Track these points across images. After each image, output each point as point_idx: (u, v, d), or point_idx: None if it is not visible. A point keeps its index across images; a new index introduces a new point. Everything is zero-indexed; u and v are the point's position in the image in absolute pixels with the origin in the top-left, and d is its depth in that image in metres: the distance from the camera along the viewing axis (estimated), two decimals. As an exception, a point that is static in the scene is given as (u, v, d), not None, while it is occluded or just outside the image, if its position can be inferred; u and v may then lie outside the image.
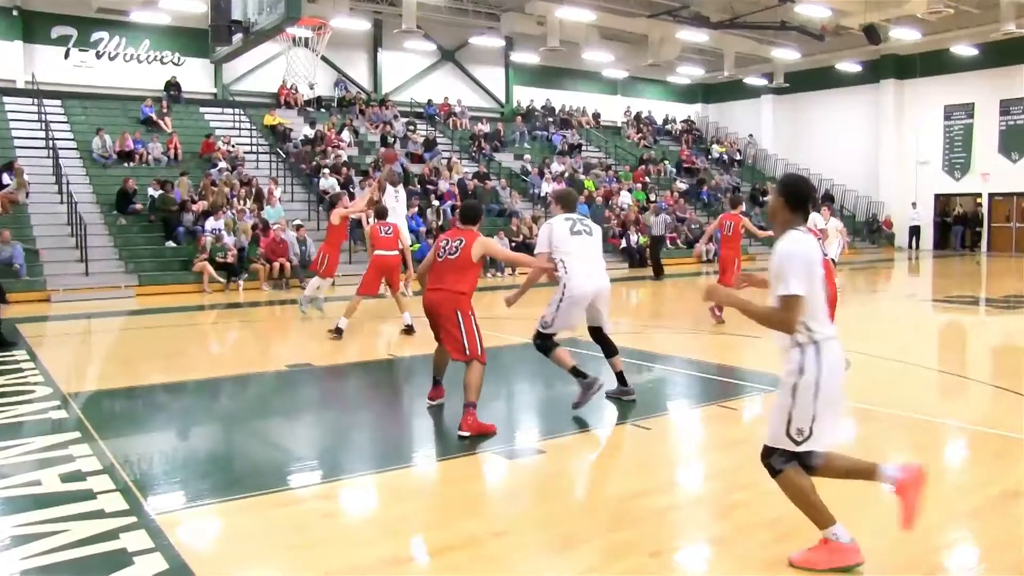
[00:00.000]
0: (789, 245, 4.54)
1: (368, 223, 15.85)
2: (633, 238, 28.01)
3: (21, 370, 10.38)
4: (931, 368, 11.17)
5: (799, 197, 4.70)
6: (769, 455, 4.81)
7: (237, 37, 9.13)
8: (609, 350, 8.59)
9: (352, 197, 15.17)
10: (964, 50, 33.72)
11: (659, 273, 24.66)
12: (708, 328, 14.35)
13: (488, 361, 7.62)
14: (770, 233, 5.79)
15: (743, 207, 15.76)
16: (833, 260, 17.02)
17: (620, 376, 8.56)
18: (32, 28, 28.50)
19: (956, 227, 36.78)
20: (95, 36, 29.54)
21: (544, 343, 8.28)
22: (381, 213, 13.67)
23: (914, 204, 36.94)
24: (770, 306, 4.57)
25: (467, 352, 7.42)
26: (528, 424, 8.37)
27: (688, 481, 6.55)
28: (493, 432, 7.27)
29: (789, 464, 4.80)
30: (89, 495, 5.75)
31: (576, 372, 8.16)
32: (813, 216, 15.38)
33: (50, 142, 24.65)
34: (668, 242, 29.90)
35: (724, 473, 6.54)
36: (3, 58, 27.93)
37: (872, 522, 5.33)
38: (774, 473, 4.82)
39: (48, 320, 16.40)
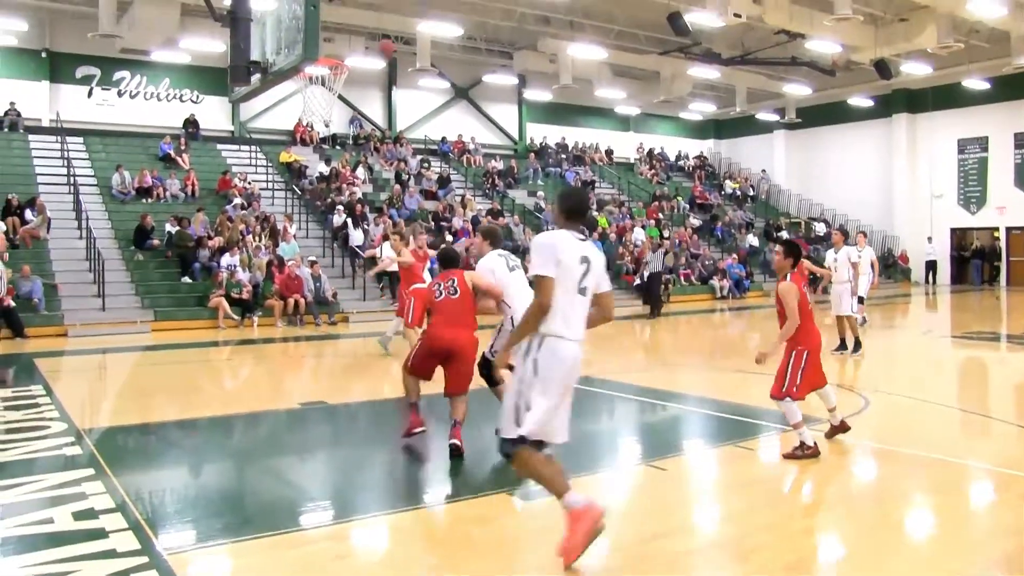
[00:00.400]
0: (540, 236, 5.26)
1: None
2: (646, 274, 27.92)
3: (37, 405, 10.42)
4: (952, 407, 11.00)
5: (571, 208, 5.38)
6: (502, 443, 5.24)
7: (255, 77, 9.22)
8: (493, 381, 8.53)
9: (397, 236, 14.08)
10: (976, 84, 33.72)
11: (656, 310, 23.75)
12: (720, 366, 14.30)
13: (495, 399, 7.64)
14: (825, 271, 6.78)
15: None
16: (860, 297, 17.26)
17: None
18: (58, 68, 29.07)
19: (974, 261, 36.54)
20: (117, 75, 30.03)
21: (490, 373, 8.28)
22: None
23: (930, 238, 36.86)
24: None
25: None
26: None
27: (706, 523, 6.49)
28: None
29: (518, 447, 5.16)
30: (101, 534, 5.76)
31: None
32: (847, 249, 15.60)
33: (71, 178, 24.96)
34: (681, 278, 29.93)
35: (742, 515, 6.45)
36: (30, 98, 28.49)
37: (896, 568, 5.28)
38: (507, 458, 5.21)
39: (65, 355, 16.49)
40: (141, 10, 23.80)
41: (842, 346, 14.97)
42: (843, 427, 8.29)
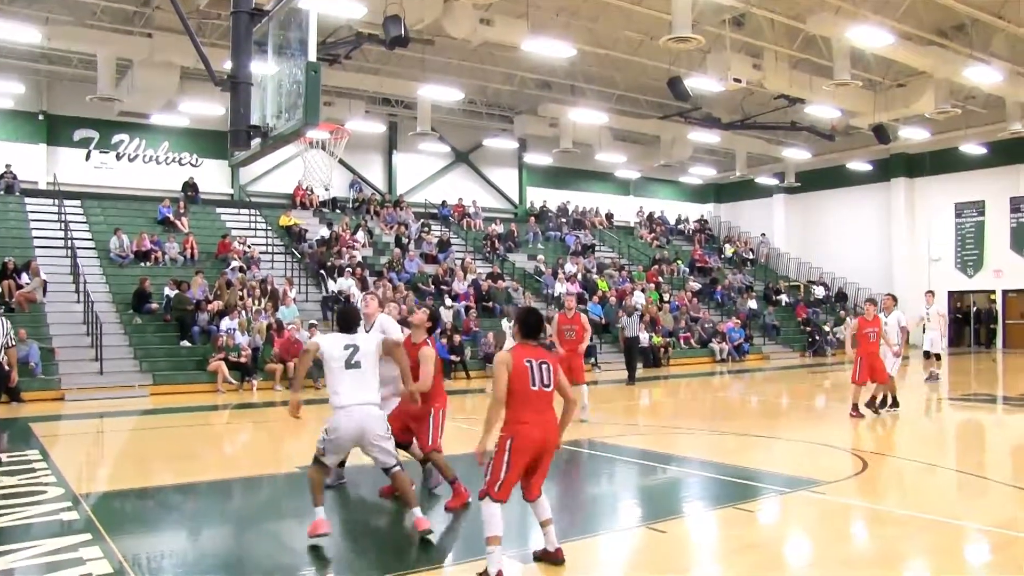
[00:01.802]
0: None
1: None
2: (644, 337, 27.77)
3: (33, 470, 10.34)
4: (950, 468, 11.01)
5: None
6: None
7: (255, 142, 9.24)
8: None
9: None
10: (973, 148, 34.04)
11: (631, 376, 22.79)
12: (720, 429, 14.24)
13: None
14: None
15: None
16: (937, 355, 18.07)
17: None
18: (55, 131, 29.20)
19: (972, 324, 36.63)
20: (116, 138, 30.11)
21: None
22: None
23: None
24: None
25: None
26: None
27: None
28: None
29: (316, 465, 7.59)
30: (98, 600, 5.69)
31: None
32: (896, 313, 16.22)
33: (68, 242, 25.01)
34: (681, 341, 29.91)
35: (742, 578, 6.41)
36: (27, 160, 28.56)
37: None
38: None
39: (61, 419, 16.41)
40: (140, 74, 23.95)
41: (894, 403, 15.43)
42: None
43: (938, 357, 21.04)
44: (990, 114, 31.35)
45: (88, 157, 29.78)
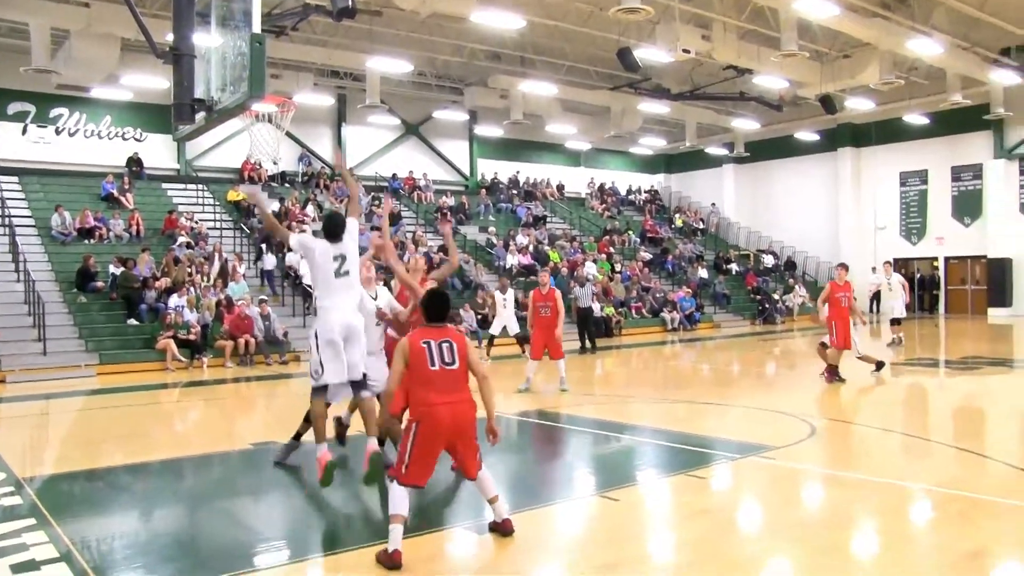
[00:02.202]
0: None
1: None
2: (597, 307, 27.86)
3: (-25, 455, 10.14)
4: (894, 431, 11.20)
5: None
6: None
7: (200, 116, 9.07)
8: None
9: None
10: (916, 119, 34.56)
11: (584, 346, 23.48)
12: (671, 397, 14.32)
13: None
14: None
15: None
16: (895, 320, 21.08)
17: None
18: (-12, 104, 28.33)
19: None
20: (54, 112, 29.28)
21: None
22: None
23: (874, 268, 37.34)
24: None
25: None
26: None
27: (659, 553, 6.51)
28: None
29: (315, 396, 7.91)
30: (44, 584, 5.59)
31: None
32: (873, 277, 16.93)
33: (7, 219, 24.42)
34: (633, 311, 30.04)
35: (694, 544, 6.49)
36: (-43, 135, 27.66)
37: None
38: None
39: (2, 402, 16.07)
40: (78, 45, 23.06)
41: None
42: None
43: (898, 323, 21.75)
44: (932, 85, 31.79)
45: (25, 131, 28.75)
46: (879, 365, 15.68)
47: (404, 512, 6.09)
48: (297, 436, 9.19)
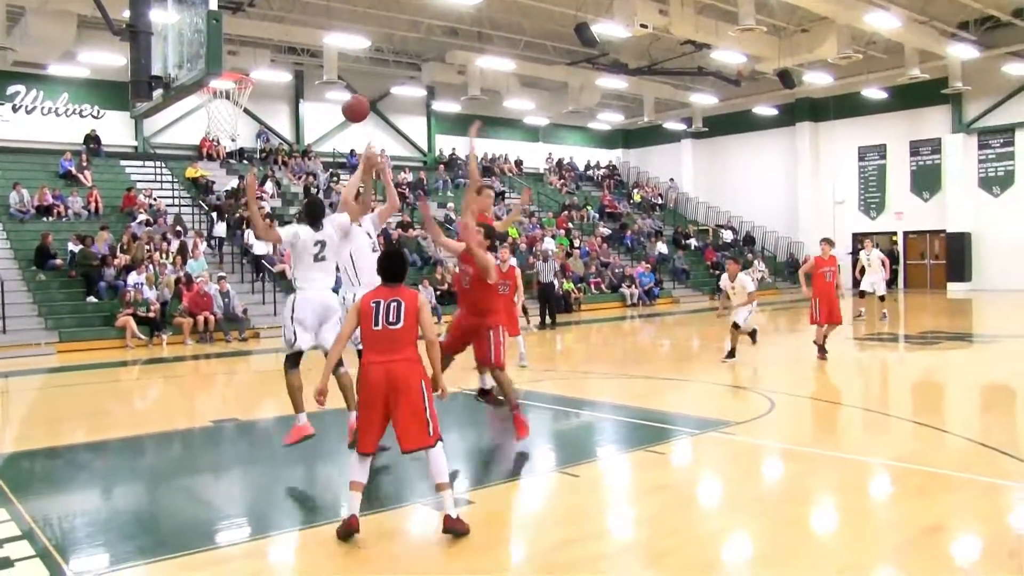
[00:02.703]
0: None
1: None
2: (556, 284, 28.01)
3: (-65, 434, 10.12)
4: (853, 406, 11.40)
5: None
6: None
7: (157, 93, 9.07)
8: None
9: None
10: (874, 93, 34.78)
11: (545, 322, 23.72)
12: (630, 373, 14.46)
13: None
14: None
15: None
16: (881, 296, 21.57)
17: None
18: (-57, 82, 27.91)
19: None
20: (11, 90, 28.96)
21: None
22: None
23: (833, 243, 37.69)
24: None
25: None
26: (455, 474, 8.33)
27: (618, 528, 6.59)
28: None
29: (289, 367, 8.14)
30: (6, 563, 5.63)
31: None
32: (862, 255, 20.83)
33: (-36, 197, 24.18)
34: (592, 286, 30.22)
35: (653, 519, 6.59)
36: (-88, 113, 27.27)
37: (802, 564, 5.43)
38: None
39: (-37, 380, 15.98)
40: (34, 22, 22.88)
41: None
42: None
43: (882, 299, 21.97)
44: (890, 59, 32.00)
45: (-19, 109, 28.67)
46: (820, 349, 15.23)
47: (359, 479, 6.07)
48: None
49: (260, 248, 24.71)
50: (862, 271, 22.25)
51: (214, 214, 26.38)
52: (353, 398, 7.90)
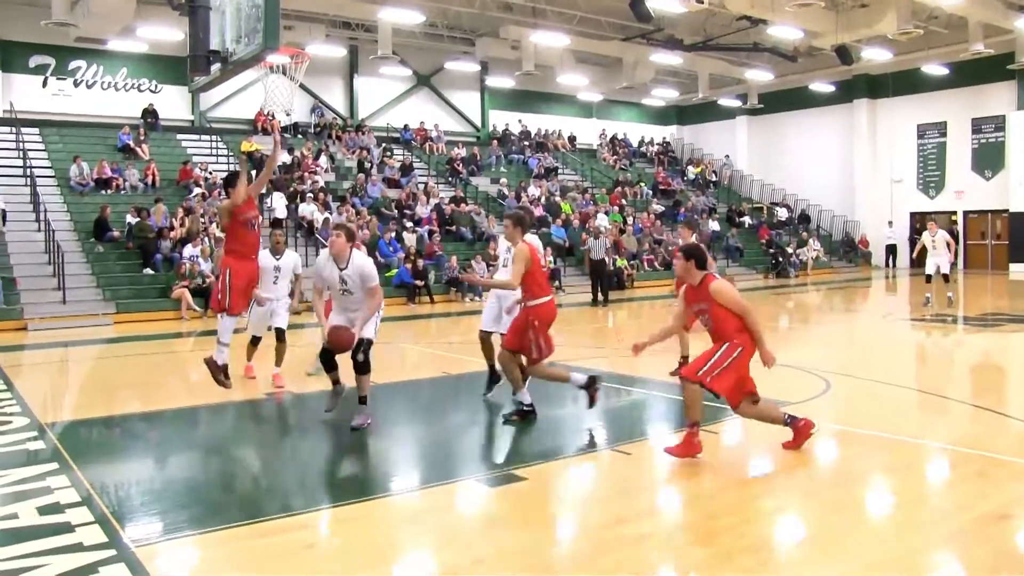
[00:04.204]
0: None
1: None
2: (609, 261, 27.92)
3: (-2, 401, 10.32)
4: (910, 388, 11.22)
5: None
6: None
7: (215, 67, 9.14)
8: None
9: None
10: (935, 69, 34.14)
11: (596, 298, 23.78)
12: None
13: (464, 386, 7.65)
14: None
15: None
16: (945, 276, 20.59)
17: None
18: (10, 58, 28.52)
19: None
20: (73, 65, 29.52)
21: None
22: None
23: (890, 222, 37.28)
24: None
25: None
26: (508, 451, 8.36)
27: (669, 507, 6.57)
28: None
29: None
30: (67, 528, 5.73)
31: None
32: (926, 236, 20.28)
33: (27, 170, 24.64)
34: (645, 263, 30.09)
35: (706, 498, 6.54)
36: (-18, 88, 27.88)
37: (855, 547, 5.37)
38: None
39: (25, 349, 16.29)
40: (96, -2, 23.36)
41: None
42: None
43: (946, 279, 20.88)
44: (952, 35, 31.38)
45: (45, 84, 29.18)
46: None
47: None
48: (335, 382, 8.94)
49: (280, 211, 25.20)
50: (920, 253, 21.30)
51: (273, 194, 26.58)
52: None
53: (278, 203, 26.01)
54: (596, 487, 7.07)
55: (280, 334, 11.16)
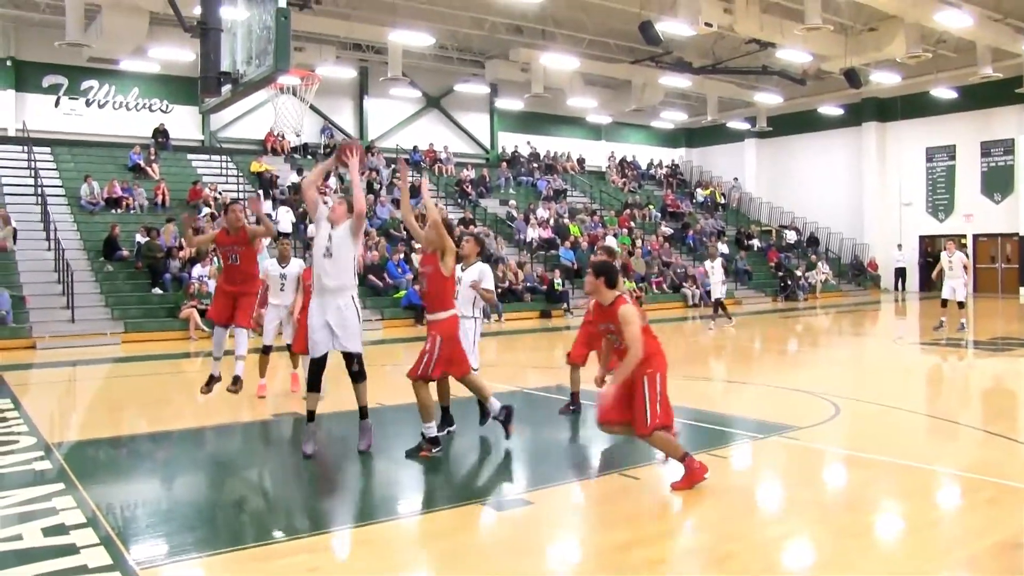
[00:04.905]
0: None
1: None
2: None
3: (5, 419, 10.32)
4: (920, 413, 11.14)
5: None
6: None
7: (226, 89, 9.18)
8: None
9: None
10: (944, 93, 34.17)
11: None
12: (691, 374, 14.33)
13: (471, 410, 7.60)
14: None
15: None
16: (960, 303, 20.29)
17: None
18: (24, 77, 28.68)
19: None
20: (85, 84, 29.67)
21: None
22: None
23: (899, 246, 37.19)
24: None
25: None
26: (515, 474, 8.32)
27: (678, 532, 6.53)
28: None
29: None
30: (72, 550, 5.70)
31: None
32: (943, 257, 20.31)
33: (39, 189, 24.78)
34: (653, 286, 30.04)
35: (715, 523, 6.48)
36: (-4, 107, 28.07)
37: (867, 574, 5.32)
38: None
39: (33, 368, 16.33)
40: (109, 19, 23.49)
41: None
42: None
43: (961, 305, 20.66)
44: (961, 58, 31.41)
45: (57, 103, 29.31)
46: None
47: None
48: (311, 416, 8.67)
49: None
50: (939, 275, 21.05)
51: (279, 208, 26.66)
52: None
53: (283, 217, 26.02)
54: (604, 512, 6.97)
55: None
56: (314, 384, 8.45)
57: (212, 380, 11.02)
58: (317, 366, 8.36)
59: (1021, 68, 31.35)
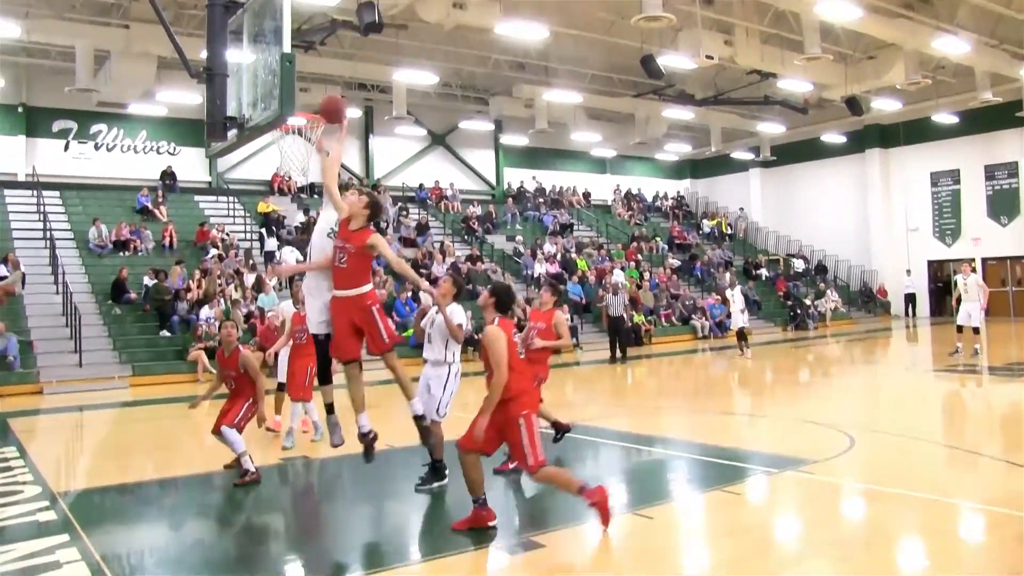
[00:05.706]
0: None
1: None
2: (627, 317, 27.80)
3: (10, 468, 10.24)
4: (939, 443, 10.91)
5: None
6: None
7: (232, 133, 9.18)
8: None
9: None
10: (945, 118, 34.18)
11: (614, 355, 23.78)
12: (703, 408, 14.24)
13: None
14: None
15: None
16: (975, 328, 20.13)
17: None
18: (35, 123, 28.93)
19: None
20: (94, 128, 29.92)
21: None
22: None
23: (908, 271, 37.09)
24: None
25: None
26: (526, 516, 8.21)
27: (695, 573, 6.39)
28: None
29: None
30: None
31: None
32: (959, 279, 20.15)
33: (47, 233, 24.86)
34: (662, 318, 29.95)
35: (731, 563, 6.37)
36: (6, 153, 28.34)
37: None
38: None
39: (40, 413, 16.27)
40: (118, 64, 23.88)
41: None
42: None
43: (976, 331, 20.38)
44: (960, 83, 31.47)
45: (67, 148, 29.55)
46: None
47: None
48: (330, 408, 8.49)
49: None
50: (958, 299, 20.70)
51: (263, 230, 26.87)
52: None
53: (287, 256, 26.01)
54: (617, 553, 6.84)
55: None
56: (324, 376, 8.33)
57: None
58: (322, 357, 8.25)
59: (1021, 92, 31.30)
